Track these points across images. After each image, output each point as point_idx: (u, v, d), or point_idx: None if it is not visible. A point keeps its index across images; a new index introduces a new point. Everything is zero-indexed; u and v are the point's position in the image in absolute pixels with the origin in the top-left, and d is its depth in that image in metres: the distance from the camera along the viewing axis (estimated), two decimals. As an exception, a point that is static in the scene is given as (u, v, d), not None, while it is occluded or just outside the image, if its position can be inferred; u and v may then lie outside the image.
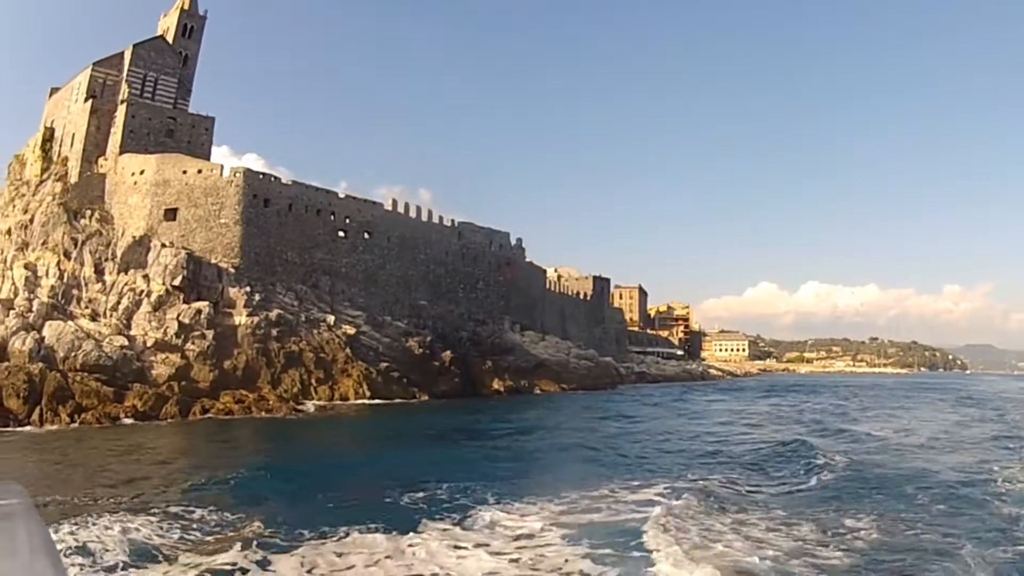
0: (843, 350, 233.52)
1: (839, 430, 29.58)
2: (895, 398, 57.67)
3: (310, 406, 36.49)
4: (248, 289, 41.38)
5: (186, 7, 57.96)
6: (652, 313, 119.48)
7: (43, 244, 46.88)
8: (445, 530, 11.87)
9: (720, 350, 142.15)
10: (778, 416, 37.57)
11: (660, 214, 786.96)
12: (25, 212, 50.67)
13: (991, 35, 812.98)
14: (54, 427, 32.12)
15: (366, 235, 50.04)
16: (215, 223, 43.11)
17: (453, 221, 57.97)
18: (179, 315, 40.08)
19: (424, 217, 55.33)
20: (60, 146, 52.86)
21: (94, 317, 42.18)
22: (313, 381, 38.68)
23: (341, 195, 49.48)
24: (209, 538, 11.31)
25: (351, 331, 42.30)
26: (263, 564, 9.96)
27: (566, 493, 14.58)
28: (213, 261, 42.40)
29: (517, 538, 11.30)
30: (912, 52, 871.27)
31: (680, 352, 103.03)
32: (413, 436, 27.77)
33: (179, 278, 40.81)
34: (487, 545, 10.89)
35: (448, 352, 46.30)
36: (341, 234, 48.57)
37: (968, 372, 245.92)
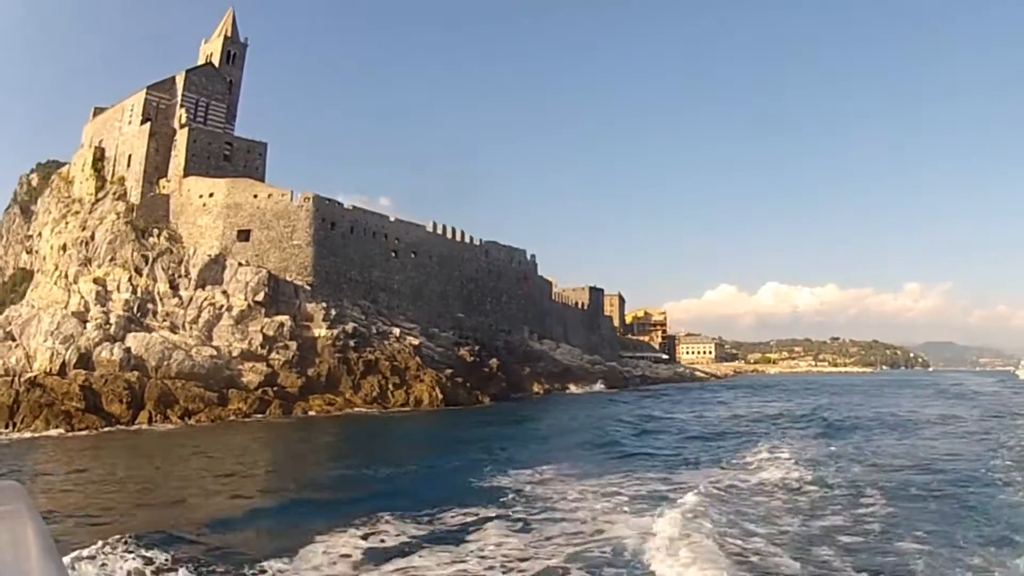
0: (805, 350, 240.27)
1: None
2: (892, 394, 59.14)
3: (394, 407, 41.49)
4: (324, 304, 45.86)
5: (229, 34, 61.44)
6: (629, 319, 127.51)
7: (111, 260, 49.86)
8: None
9: (687, 352, 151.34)
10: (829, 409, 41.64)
11: (614, 216, 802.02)
12: (83, 229, 53.32)
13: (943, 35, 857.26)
14: (169, 427, 36.06)
15: (412, 254, 55.05)
16: (288, 244, 47.34)
17: (481, 241, 63.47)
18: (262, 328, 44.19)
19: (457, 238, 60.65)
20: (114, 166, 55.56)
21: (173, 329, 45.78)
22: (390, 386, 43.51)
23: (391, 219, 54.31)
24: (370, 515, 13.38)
25: (415, 342, 47.31)
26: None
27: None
28: (288, 279, 46.64)
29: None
30: (868, 49, 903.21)
31: (665, 356, 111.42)
32: (531, 428, 33.15)
33: (261, 294, 44.90)
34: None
35: (494, 359, 51.85)
36: (393, 254, 53.43)
37: (931, 369, 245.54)
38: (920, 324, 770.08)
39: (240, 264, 46.64)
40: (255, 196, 48.50)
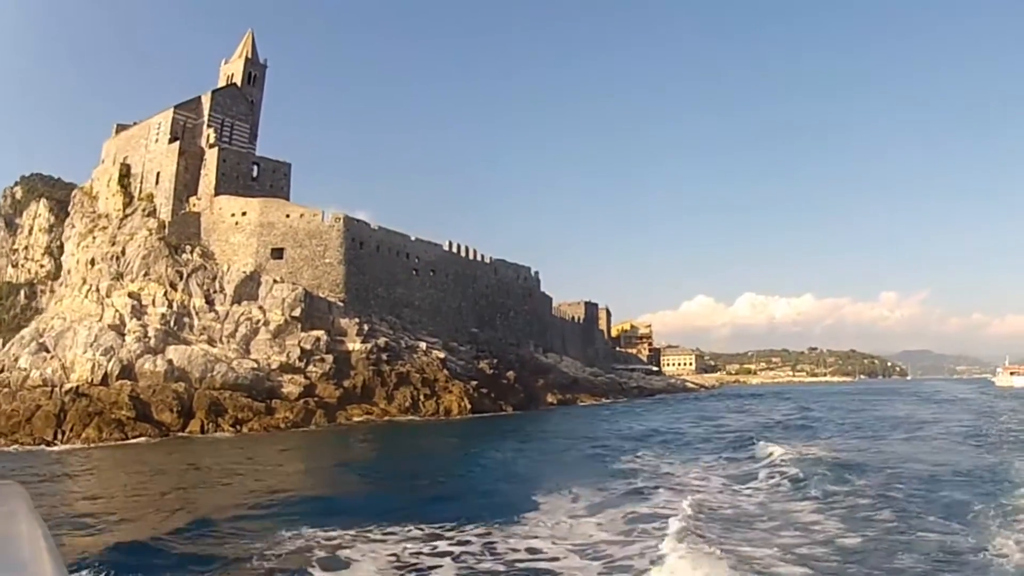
0: (783, 360, 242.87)
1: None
2: (886, 401, 61.72)
3: (425, 416, 44.35)
4: (357, 319, 48.48)
5: (249, 55, 63.79)
6: (616, 332, 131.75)
7: (144, 275, 51.64)
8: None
9: (669, 364, 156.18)
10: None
11: (589, 228, 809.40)
12: (112, 244, 54.92)
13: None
14: (223, 435, 38.26)
15: (431, 272, 57.99)
16: (320, 262, 49.88)
17: (491, 259, 66.70)
18: (299, 342, 46.60)
19: (470, 256, 63.78)
20: (141, 183, 57.29)
21: (210, 343, 47.85)
22: (421, 397, 46.29)
23: (413, 238, 57.22)
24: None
25: (441, 355, 50.20)
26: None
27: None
28: (321, 295, 49.15)
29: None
30: (844, 56, 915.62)
31: (655, 368, 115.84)
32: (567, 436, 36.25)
33: (298, 310, 47.32)
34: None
35: (511, 372, 54.99)
36: (414, 272, 56.31)
37: (909, 378, 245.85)
38: (897, 333, 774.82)
39: (275, 281, 48.97)
40: (287, 216, 50.94)
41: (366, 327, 48.41)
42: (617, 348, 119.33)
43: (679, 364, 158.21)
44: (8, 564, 1.60)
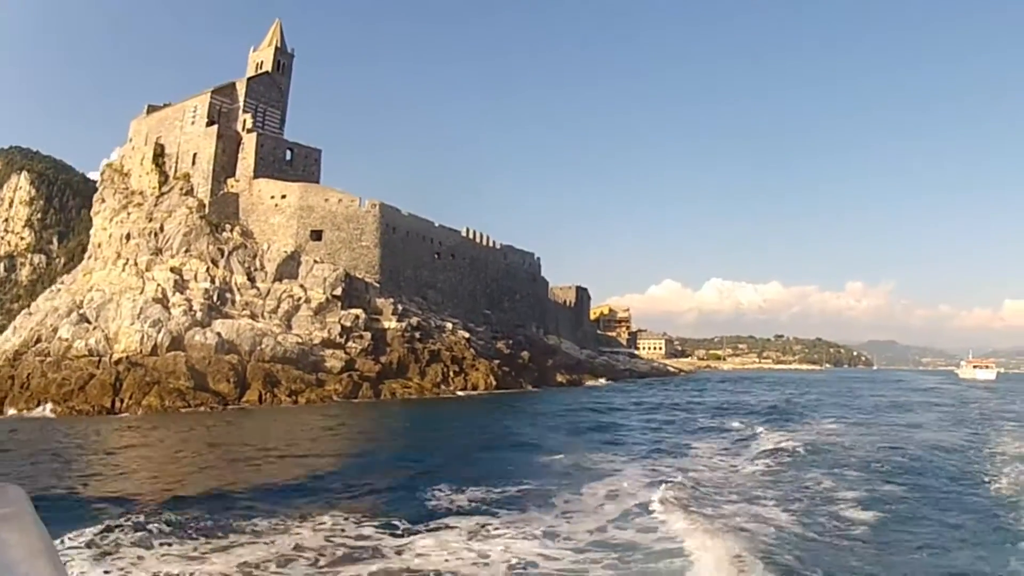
0: (749, 347, 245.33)
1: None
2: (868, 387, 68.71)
3: (459, 391, 49.32)
4: (392, 300, 52.85)
5: (279, 45, 66.36)
6: (595, 316, 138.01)
7: (185, 252, 54.74)
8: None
9: (641, 348, 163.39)
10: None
11: (557, 212, 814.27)
12: (150, 220, 57.63)
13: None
14: (281, 405, 42.49)
15: (452, 256, 62.51)
16: (357, 245, 53.90)
17: (501, 245, 71.44)
18: (340, 319, 50.74)
19: (484, 242, 68.42)
20: (176, 162, 59.86)
21: (253, 318, 51.60)
22: (451, 373, 51.16)
23: (436, 224, 61.54)
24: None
25: (466, 335, 55.06)
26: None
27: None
28: (358, 276, 53.26)
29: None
30: (821, 52, 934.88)
31: (636, 352, 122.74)
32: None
33: (339, 289, 51.39)
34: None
35: (525, 352, 60.22)
36: (436, 256, 60.74)
37: (874, 368, 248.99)
38: (863, 323, 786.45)
39: (316, 261, 52.83)
40: (326, 200, 54.65)
41: (400, 307, 52.81)
42: (598, 332, 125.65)
43: (651, 348, 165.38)
44: (8, 564, 1.59)
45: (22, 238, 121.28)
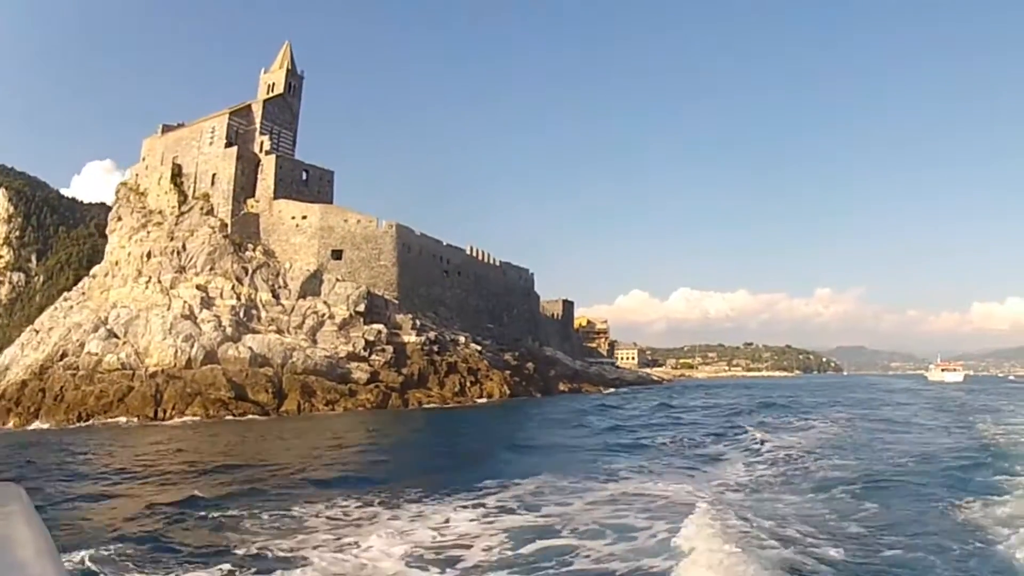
0: (719, 355, 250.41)
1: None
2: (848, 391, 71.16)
3: (476, 399, 53.04)
4: (411, 315, 56.31)
5: (289, 67, 69.31)
6: (575, 327, 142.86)
7: (210, 270, 57.12)
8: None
9: (618, 359, 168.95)
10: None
11: (525, 221, 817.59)
12: (171, 239, 59.72)
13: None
14: (318, 413, 45.52)
15: (458, 274, 66.30)
16: (376, 264, 57.23)
17: (499, 262, 75.52)
18: (363, 334, 53.93)
19: (484, 259, 72.42)
20: (195, 182, 62.07)
21: (280, 333, 54.39)
22: (468, 383, 54.83)
23: (444, 243, 65.26)
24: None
25: (479, 348, 58.85)
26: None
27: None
28: (377, 293, 56.56)
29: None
30: (796, 57, 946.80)
31: (619, 362, 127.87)
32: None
33: (362, 305, 54.59)
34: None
35: (530, 363, 64.26)
36: (444, 273, 64.44)
37: (844, 374, 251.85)
38: (832, 329, 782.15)
39: (337, 279, 55.93)
40: (345, 220, 57.87)
41: (418, 322, 56.32)
42: (582, 343, 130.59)
43: (625, 358, 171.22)
44: (7, 565, 1.60)
45: (0, 256, 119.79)
